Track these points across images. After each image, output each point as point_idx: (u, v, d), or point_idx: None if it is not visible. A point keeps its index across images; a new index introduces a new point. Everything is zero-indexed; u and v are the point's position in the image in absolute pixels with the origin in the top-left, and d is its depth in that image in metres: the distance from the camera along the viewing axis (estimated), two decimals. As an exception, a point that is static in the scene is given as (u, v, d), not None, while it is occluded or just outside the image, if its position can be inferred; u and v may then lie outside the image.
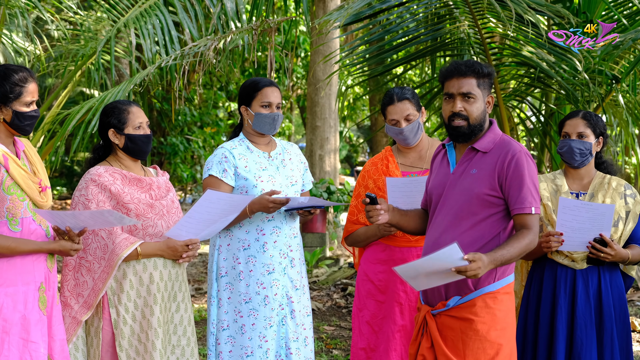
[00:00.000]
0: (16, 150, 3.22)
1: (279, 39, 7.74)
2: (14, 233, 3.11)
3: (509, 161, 2.95)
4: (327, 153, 9.82)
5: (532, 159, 2.98)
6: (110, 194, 3.46)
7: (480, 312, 2.95)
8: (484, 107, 3.03)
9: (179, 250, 3.52)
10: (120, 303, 3.47)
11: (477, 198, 2.97)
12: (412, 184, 3.58)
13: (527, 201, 2.91)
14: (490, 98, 3.05)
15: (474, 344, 2.94)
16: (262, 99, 3.83)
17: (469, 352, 2.95)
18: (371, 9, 5.40)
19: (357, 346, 3.91)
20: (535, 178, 2.97)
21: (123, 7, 6.39)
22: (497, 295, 2.96)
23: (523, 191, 2.92)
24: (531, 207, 2.91)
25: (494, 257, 2.81)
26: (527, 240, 2.89)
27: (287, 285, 3.85)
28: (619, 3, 5.58)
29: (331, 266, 8.96)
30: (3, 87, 3.07)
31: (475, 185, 2.99)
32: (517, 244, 2.88)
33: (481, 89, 3.01)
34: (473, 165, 3.03)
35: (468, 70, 2.99)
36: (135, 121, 3.55)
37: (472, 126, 3.01)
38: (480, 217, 2.97)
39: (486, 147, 3.01)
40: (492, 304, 2.95)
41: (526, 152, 2.97)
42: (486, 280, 2.95)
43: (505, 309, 2.98)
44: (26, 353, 3.10)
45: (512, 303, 3.03)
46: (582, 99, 5.34)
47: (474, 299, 2.96)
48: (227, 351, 3.81)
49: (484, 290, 2.96)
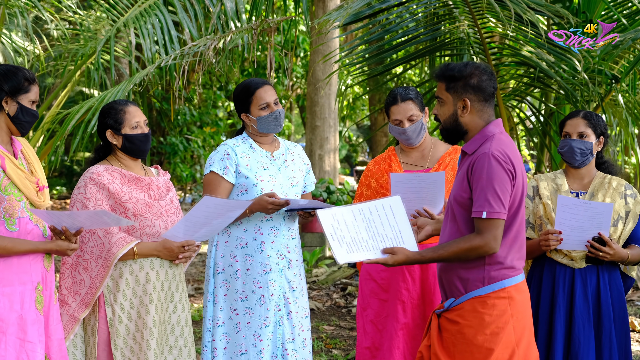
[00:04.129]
0: (14, 149, 3.22)
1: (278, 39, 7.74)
2: (11, 233, 3.11)
3: (474, 163, 2.90)
4: (327, 153, 9.82)
5: (498, 161, 2.85)
6: (109, 192, 3.46)
7: (467, 316, 2.92)
8: (454, 110, 2.99)
9: (175, 251, 3.52)
10: (116, 302, 3.47)
11: (454, 200, 2.97)
12: (416, 179, 3.57)
13: (478, 204, 2.85)
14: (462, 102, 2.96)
15: (462, 347, 2.92)
16: (258, 102, 3.81)
17: (458, 355, 2.92)
18: (371, 8, 5.40)
19: (362, 345, 3.91)
20: (496, 181, 2.85)
21: (123, 6, 6.39)
22: (487, 300, 2.90)
23: (477, 194, 2.87)
24: (482, 212, 2.84)
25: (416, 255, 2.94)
26: (468, 244, 2.86)
27: (284, 286, 3.85)
28: (619, 3, 5.58)
29: (331, 266, 8.95)
30: (16, 79, 3.14)
31: (455, 188, 2.99)
32: (451, 247, 2.89)
33: (451, 93, 2.98)
34: (459, 168, 3.04)
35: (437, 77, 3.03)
36: (132, 121, 3.55)
37: (445, 129, 3.04)
38: (458, 219, 2.95)
39: (470, 148, 2.97)
40: (480, 308, 2.90)
41: (493, 154, 2.86)
42: (474, 284, 2.92)
43: (497, 313, 2.90)
44: (23, 353, 3.10)
45: (510, 307, 2.93)
46: (581, 99, 5.34)
47: (462, 303, 2.94)
48: (221, 348, 3.81)
49: (472, 294, 2.92)
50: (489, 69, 3.01)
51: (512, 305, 2.93)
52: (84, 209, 3.42)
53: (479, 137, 2.96)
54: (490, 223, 2.85)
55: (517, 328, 2.93)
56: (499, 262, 2.91)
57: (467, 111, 2.97)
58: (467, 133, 3.01)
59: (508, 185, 2.87)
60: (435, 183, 3.49)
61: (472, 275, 2.92)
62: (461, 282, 2.95)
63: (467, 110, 2.97)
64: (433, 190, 3.49)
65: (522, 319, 2.95)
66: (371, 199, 3.85)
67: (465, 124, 2.99)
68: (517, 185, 2.91)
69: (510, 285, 2.93)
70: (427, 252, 2.95)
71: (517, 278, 2.96)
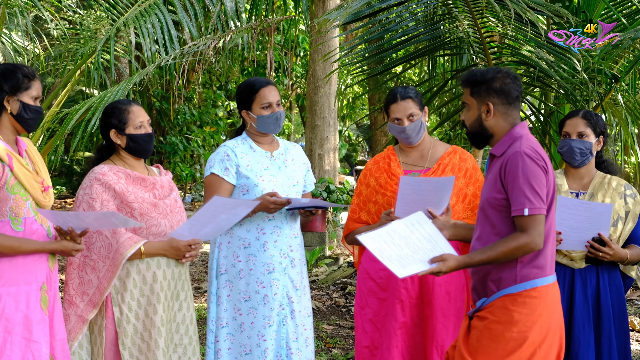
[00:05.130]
0: (19, 149, 3.22)
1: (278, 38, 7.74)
2: (16, 233, 3.12)
3: (506, 163, 2.94)
4: (327, 152, 9.82)
5: (531, 158, 2.92)
6: (115, 192, 3.46)
7: (496, 312, 2.94)
8: (478, 114, 3.04)
9: (182, 250, 3.52)
10: (124, 302, 3.47)
11: (487, 202, 2.99)
12: (425, 183, 3.57)
13: (518, 202, 2.88)
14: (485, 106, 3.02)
15: (486, 342, 2.93)
16: (261, 101, 3.82)
17: (481, 350, 2.94)
18: (370, 8, 5.40)
19: (360, 344, 3.91)
20: (532, 177, 2.90)
21: (122, 6, 6.40)
22: (518, 298, 2.92)
23: (514, 193, 2.90)
24: (523, 209, 2.87)
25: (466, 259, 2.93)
26: (515, 243, 2.88)
27: (287, 285, 3.86)
28: (618, 2, 5.59)
29: (331, 265, 8.96)
30: (15, 77, 3.14)
31: (487, 190, 3.01)
32: (498, 247, 2.90)
33: (475, 97, 3.04)
34: (489, 170, 3.06)
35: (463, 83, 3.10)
36: (136, 120, 3.55)
37: (471, 134, 3.10)
38: (494, 221, 2.97)
39: (499, 150, 3.02)
40: (510, 305, 2.92)
41: (525, 152, 2.92)
42: (506, 282, 2.95)
43: (527, 312, 2.92)
44: (28, 353, 3.11)
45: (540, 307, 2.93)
46: (581, 99, 5.34)
47: (494, 300, 2.96)
48: (225, 348, 3.81)
49: (504, 292, 2.94)
50: (512, 73, 3.06)
51: (542, 305, 2.94)
52: (91, 209, 3.42)
53: (506, 138, 3.01)
54: (533, 219, 2.88)
55: (543, 328, 2.94)
56: (531, 261, 2.93)
57: (491, 114, 3.02)
58: (492, 137, 3.05)
59: (544, 180, 2.92)
60: (444, 188, 3.50)
61: (505, 275, 2.94)
62: (494, 283, 2.97)
63: (490, 113, 3.02)
64: (440, 194, 3.50)
65: (548, 320, 2.95)
66: (370, 198, 3.84)
67: (490, 128, 3.04)
68: (550, 181, 2.96)
69: (542, 285, 2.95)
70: (476, 255, 2.95)
71: (549, 278, 2.98)
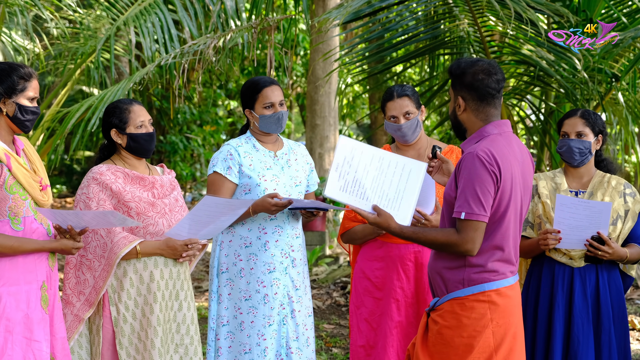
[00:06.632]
0: (16, 148, 3.22)
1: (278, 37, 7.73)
2: (16, 232, 3.12)
3: (460, 162, 2.87)
4: (327, 151, 9.82)
5: (483, 162, 2.78)
6: (111, 192, 3.47)
7: (446, 316, 2.88)
8: (454, 106, 2.98)
9: (178, 250, 3.52)
10: (121, 301, 3.48)
11: (444, 198, 2.96)
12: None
13: (458, 205, 2.81)
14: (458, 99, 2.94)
15: (440, 348, 2.89)
16: (263, 100, 3.83)
17: (436, 355, 2.89)
18: (370, 7, 5.40)
19: (356, 344, 3.91)
20: (478, 182, 2.78)
21: (122, 5, 6.40)
22: (466, 302, 2.85)
23: (459, 194, 2.83)
24: (461, 212, 2.80)
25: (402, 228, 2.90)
26: (445, 238, 2.83)
27: (288, 284, 3.86)
28: (619, 1, 5.58)
29: (331, 264, 8.96)
30: (10, 79, 3.11)
31: (447, 185, 2.98)
32: (431, 233, 2.89)
33: (452, 89, 2.97)
34: None
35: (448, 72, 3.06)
36: (137, 120, 3.55)
37: (452, 125, 3.06)
38: (445, 215, 2.94)
39: (466, 146, 2.95)
40: (458, 310, 2.86)
41: (478, 154, 2.80)
42: (454, 285, 2.88)
43: (475, 316, 2.83)
44: (29, 352, 3.11)
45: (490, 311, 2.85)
46: (581, 98, 5.35)
47: (443, 304, 2.90)
48: (226, 347, 3.82)
49: (452, 295, 2.88)
50: (491, 68, 2.90)
51: (492, 309, 2.85)
52: (87, 208, 3.43)
53: (475, 136, 2.93)
54: (468, 224, 2.80)
55: (497, 333, 2.85)
56: (479, 265, 2.85)
57: (461, 109, 2.95)
58: (467, 131, 2.99)
59: (491, 187, 2.80)
60: (427, 185, 3.49)
61: (453, 276, 2.88)
62: (443, 282, 2.92)
63: (461, 108, 2.94)
64: (425, 190, 3.48)
65: (503, 324, 2.86)
66: (367, 196, 3.84)
67: (463, 122, 2.98)
68: (504, 189, 2.82)
69: (491, 289, 2.86)
70: (408, 230, 2.92)
71: (501, 282, 2.88)
